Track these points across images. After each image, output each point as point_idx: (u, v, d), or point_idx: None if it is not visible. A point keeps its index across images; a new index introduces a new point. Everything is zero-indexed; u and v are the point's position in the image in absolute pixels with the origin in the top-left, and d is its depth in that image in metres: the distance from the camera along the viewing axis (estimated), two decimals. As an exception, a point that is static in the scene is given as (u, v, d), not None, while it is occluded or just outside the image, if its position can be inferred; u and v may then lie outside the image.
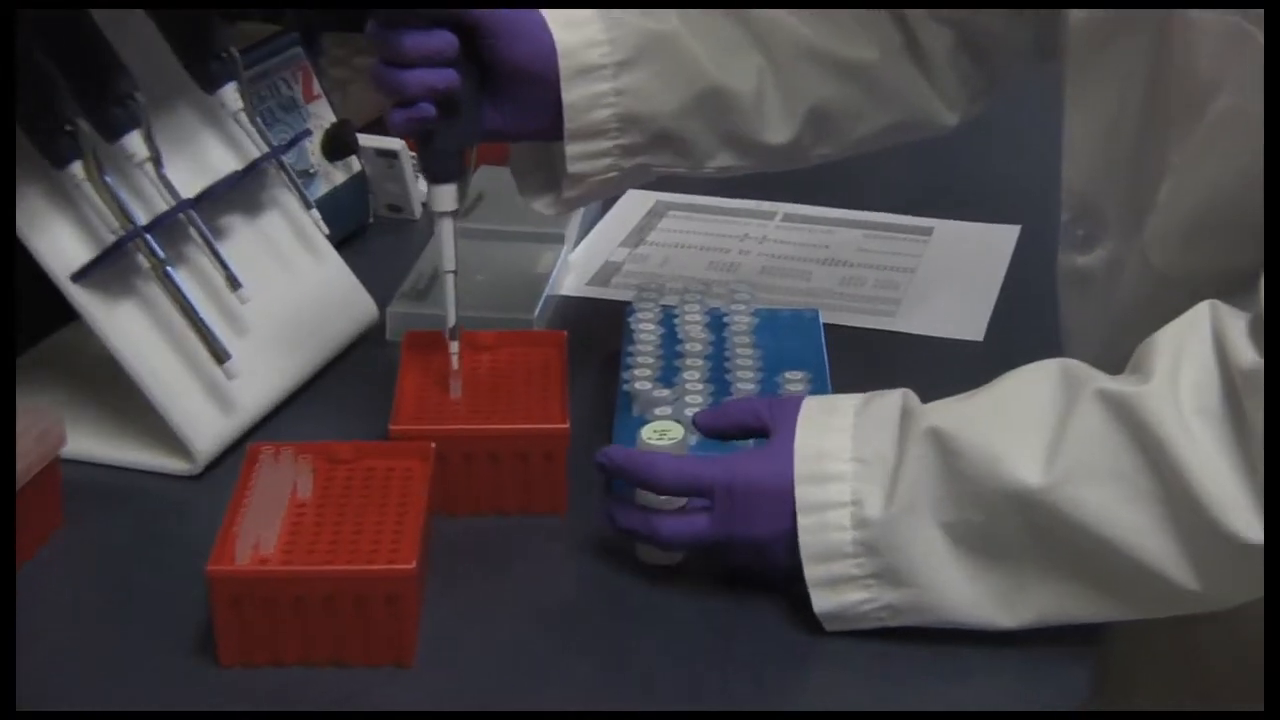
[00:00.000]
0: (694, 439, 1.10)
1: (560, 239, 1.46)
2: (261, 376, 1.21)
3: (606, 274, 1.48)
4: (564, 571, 1.06)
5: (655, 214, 1.59)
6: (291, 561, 0.97)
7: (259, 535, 0.97)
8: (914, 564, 0.96)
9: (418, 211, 1.57)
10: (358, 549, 0.98)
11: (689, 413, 1.13)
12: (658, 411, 1.13)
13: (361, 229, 1.53)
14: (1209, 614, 0.96)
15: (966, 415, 0.97)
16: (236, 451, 1.16)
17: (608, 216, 1.58)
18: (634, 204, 1.60)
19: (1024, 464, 0.93)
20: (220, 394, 1.17)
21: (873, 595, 0.97)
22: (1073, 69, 1.09)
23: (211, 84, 1.25)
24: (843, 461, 0.98)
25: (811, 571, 0.97)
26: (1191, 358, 0.92)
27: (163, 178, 1.17)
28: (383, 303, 1.34)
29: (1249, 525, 0.88)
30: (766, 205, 1.60)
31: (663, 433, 1.04)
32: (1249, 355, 0.90)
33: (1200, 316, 0.94)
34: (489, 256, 1.42)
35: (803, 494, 0.98)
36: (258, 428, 1.20)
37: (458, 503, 1.10)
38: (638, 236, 1.55)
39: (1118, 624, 0.98)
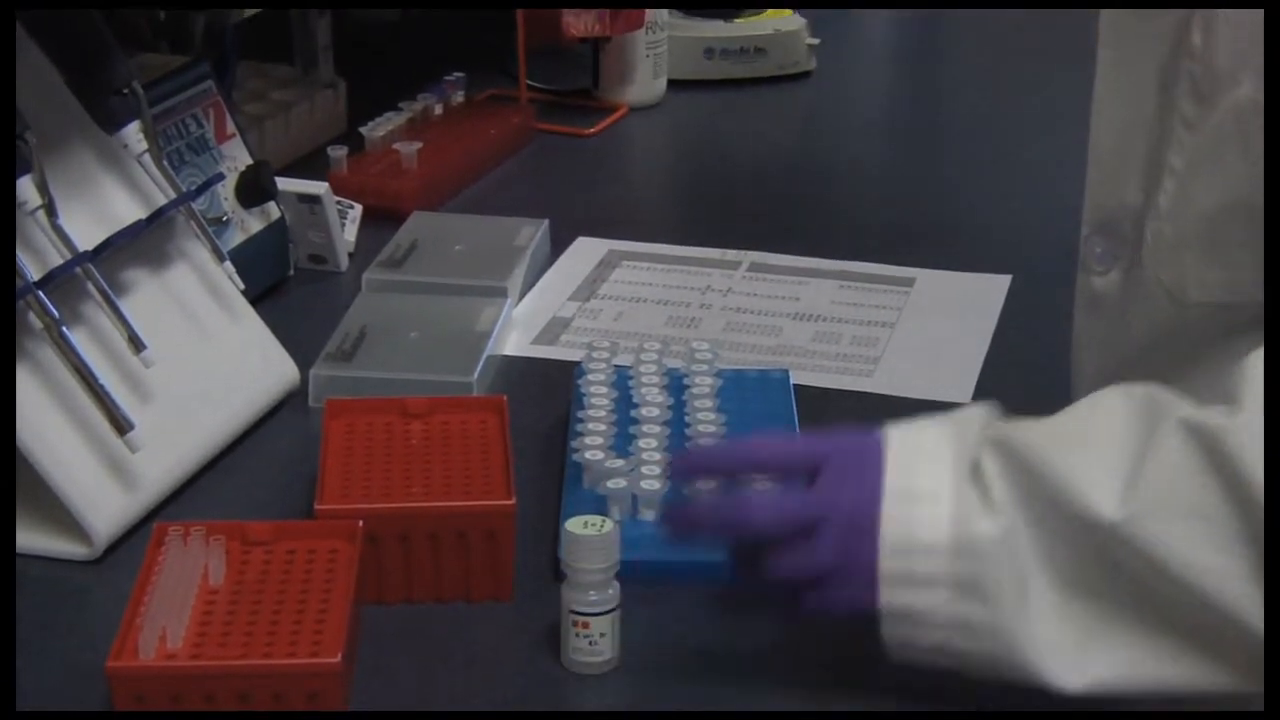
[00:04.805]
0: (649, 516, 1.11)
1: (503, 293, 1.46)
2: (168, 448, 1.21)
3: (554, 331, 1.48)
4: (508, 666, 1.06)
5: (608, 264, 1.59)
6: (201, 656, 0.96)
7: (165, 626, 0.97)
8: (1002, 580, 0.95)
9: (343, 263, 1.57)
10: (276, 641, 0.98)
11: (645, 485, 1.13)
12: (610, 484, 1.14)
13: (281, 282, 1.53)
14: None
15: (1044, 438, 0.96)
16: (140, 532, 1.15)
17: (555, 268, 1.58)
18: (584, 253, 1.61)
19: (1100, 493, 0.93)
20: (122, 468, 1.17)
21: (944, 602, 0.96)
22: (1101, 63, 1.10)
23: (112, 123, 1.25)
24: (942, 465, 0.98)
25: (887, 564, 0.97)
26: None
27: (57, 228, 1.17)
28: (305, 364, 1.34)
29: None
30: (731, 254, 1.61)
31: (585, 523, 1.03)
32: None
33: None
34: (424, 312, 1.42)
35: (891, 481, 0.97)
36: (164, 505, 1.20)
37: (389, 589, 1.09)
38: (588, 289, 1.55)
39: None
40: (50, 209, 1.16)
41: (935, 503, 0.97)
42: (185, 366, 1.25)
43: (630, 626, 1.04)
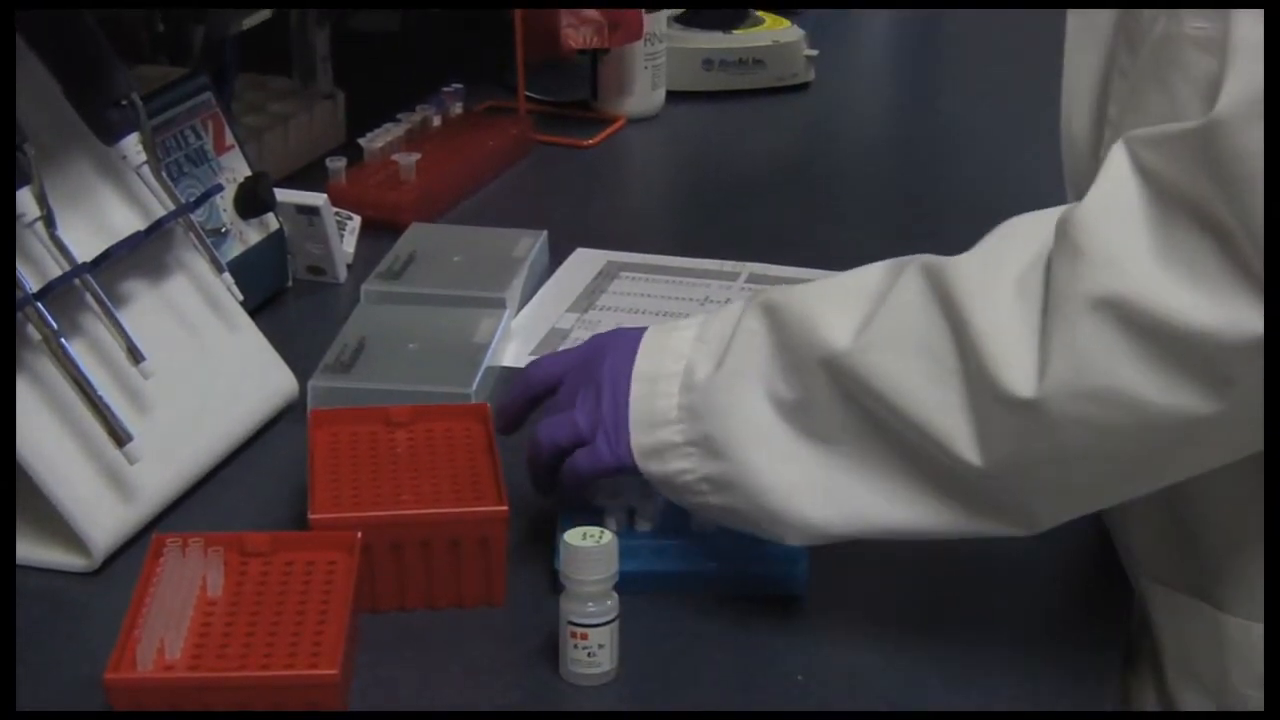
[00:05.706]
0: (649, 529, 1.11)
1: (501, 304, 1.46)
2: (167, 460, 1.21)
3: (553, 342, 1.48)
4: (506, 676, 1.06)
5: (606, 275, 1.59)
6: (200, 667, 0.96)
7: (164, 638, 0.97)
8: (731, 434, 1.02)
9: (341, 274, 1.57)
10: (274, 652, 0.98)
11: (641, 496, 1.13)
12: (601, 498, 1.14)
13: (279, 294, 1.53)
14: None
15: (800, 290, 1.04)
16: (139, 543, 1.15)
17: (554, 279, 1.59)
18: (583, 264, 1.61)
19: (836, 328, 0.99)
20: (120, 480, 1.17)
21: (692, 466, 1.04)
22: (1066, 42, 1.13)
23: (111, 134, 1.25)
24: (685, 343, 1.06)
25: (637, 440, 1.05)
26: (1025, 233, 0.97)
27: (56, 239, 1.17)
28: (304, 376, 1.34)
29: (1024, 381, 0.91)
30: (729, 265, 1.61)
31: (584, 534, 1.04)
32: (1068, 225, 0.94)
33: (1057, 211, 0.98)
34: (422, 323, 1.42)
35: (639, 366, 1.06)
36: (162, 517, 1.20)
37: (382, 597, 1.09)
38: (587, 300, 1.55)
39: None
40: (49, 220, 1.17)
41: (673, 377, 1.04)
42: (184, 378, 1.25)
43: (628, 637, 1.04)
